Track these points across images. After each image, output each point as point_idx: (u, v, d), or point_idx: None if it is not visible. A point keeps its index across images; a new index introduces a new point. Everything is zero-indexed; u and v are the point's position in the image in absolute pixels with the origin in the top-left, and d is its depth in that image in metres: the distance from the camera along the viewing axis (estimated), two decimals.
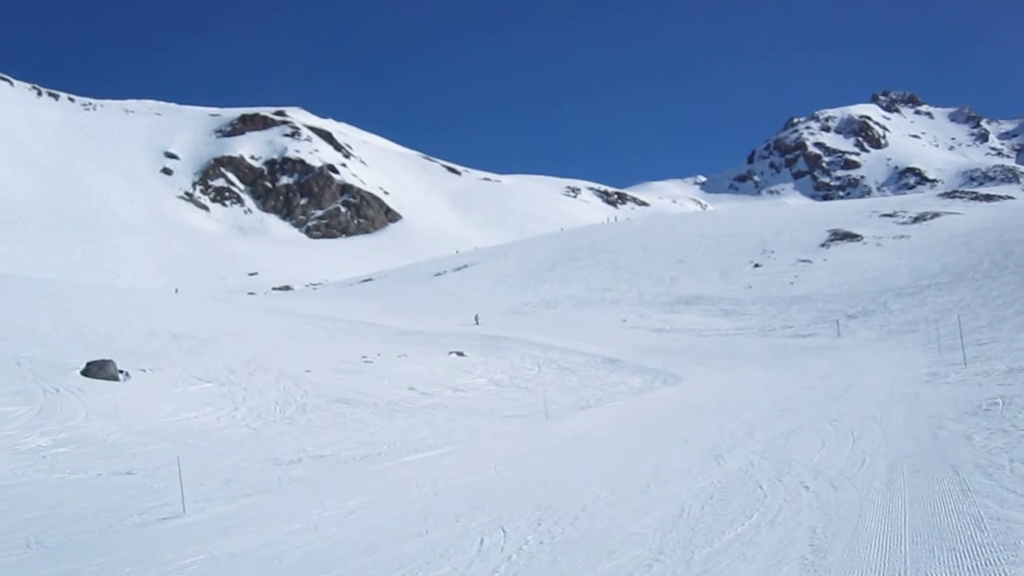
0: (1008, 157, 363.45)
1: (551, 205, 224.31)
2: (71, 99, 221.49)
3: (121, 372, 26.66)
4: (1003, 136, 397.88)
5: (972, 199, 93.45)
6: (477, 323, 40.93)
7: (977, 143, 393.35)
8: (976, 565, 8.10)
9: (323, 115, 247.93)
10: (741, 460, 14.73)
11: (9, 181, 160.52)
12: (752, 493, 12.05)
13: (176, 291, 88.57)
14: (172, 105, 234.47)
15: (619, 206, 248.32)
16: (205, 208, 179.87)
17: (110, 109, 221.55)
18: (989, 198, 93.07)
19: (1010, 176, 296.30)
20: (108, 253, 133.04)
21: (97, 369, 26.17)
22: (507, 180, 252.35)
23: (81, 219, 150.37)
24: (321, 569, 9.81)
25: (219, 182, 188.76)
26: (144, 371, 27.85)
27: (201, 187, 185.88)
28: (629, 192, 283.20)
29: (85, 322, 37.52)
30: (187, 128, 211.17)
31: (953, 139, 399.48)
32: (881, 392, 23.23)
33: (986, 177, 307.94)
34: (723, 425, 19.58)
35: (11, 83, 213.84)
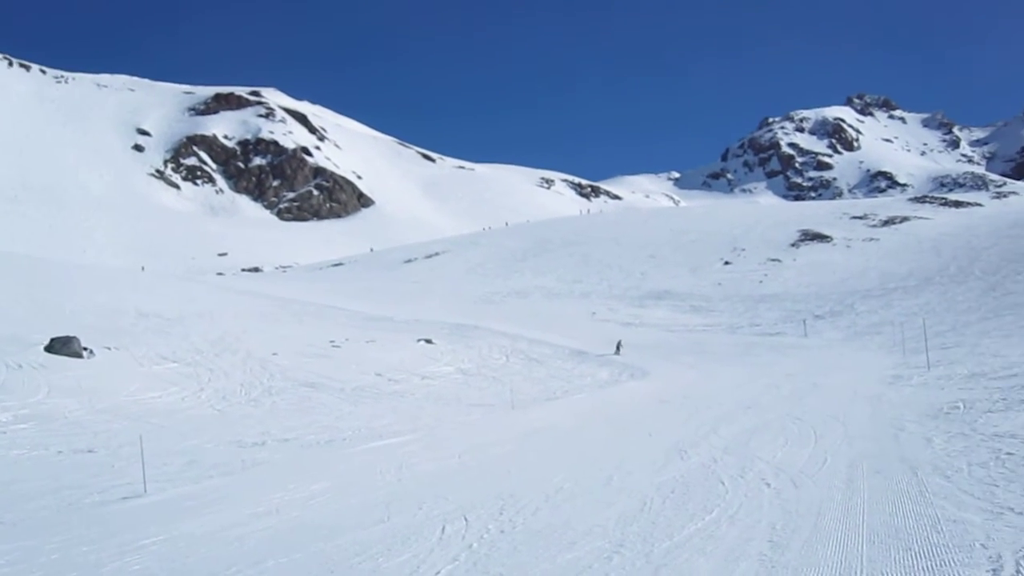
0: (978, 165, 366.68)
1: (524, 196, 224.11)
2: (43, 71, 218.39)
3: (85, 349, 26.41)
4: (974, 143, 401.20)
5: (942, 205, 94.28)
6: (618, 352, 36.62)
7: (948, 149, 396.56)
8: (932, 566, 8.21)
9: (298, 97, 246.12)
10: (704, 455, 14.83)
11: None
12: (714, 488, 12.15)
13: (142, 269, 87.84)
14: (146, 81, 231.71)
15: (592, 199, 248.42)
16: (176, 186, 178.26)
17: (82, 83, 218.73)
18: (958, 204, 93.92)
19: (979, 183, 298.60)
20: (76, 228, 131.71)
21: (61, 346, 25.91)
22: (481, 169, 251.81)
23: (49, 193, 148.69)
24: (281, 553, 9.80)
25: (191, 161, 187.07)
26: (109, 349, 27.62)
27: (173, 165, 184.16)
28: (602, 185, 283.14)
29: (50, 298, 37.14)
30: (160, 105, 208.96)
31: (925, 144, 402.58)
32: (845, 392, 23.43)
33: (956, 183, 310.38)
34: (688, 420, 19.71)
35: None
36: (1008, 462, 12.35)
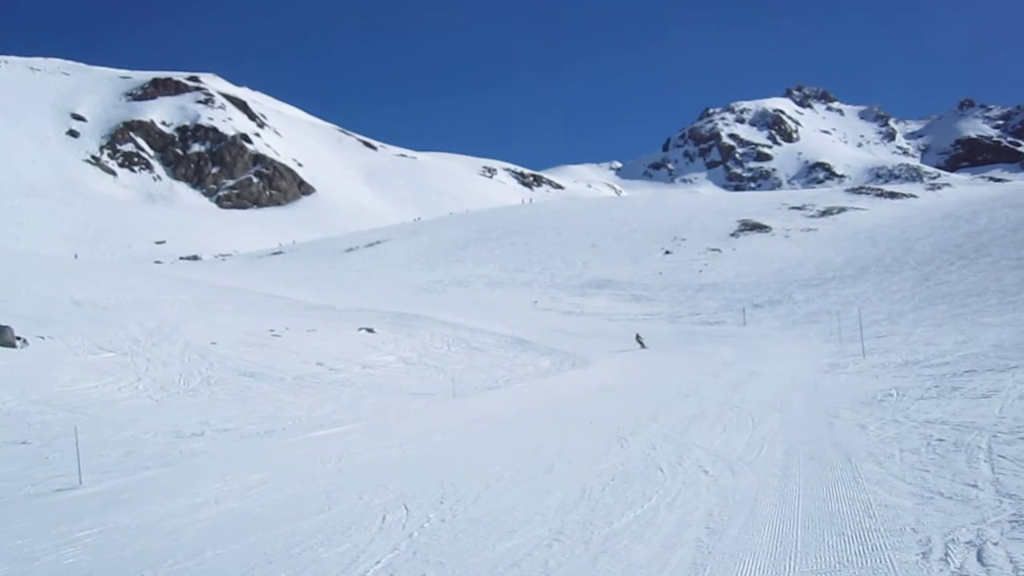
0: (913, 157, 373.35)
1: (467, 184, 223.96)
2: None
3: (18, 339, 25.91)
4: (909, 136, 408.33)
5: (878, 196, 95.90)
6: (643, 345, 37.17)
7: (885, 141, 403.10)
8: (863, 550, 8.38)
9: (238, 83, 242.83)
10: (644, 443, 14.97)
11: None
12: (653, 476, 12.27)
13: (75, 257, 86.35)
14: (81, 65, 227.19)
15: (534, 188, 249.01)
16: (112, 173, 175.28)
17: (14, 66, 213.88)
18: (894, 195, 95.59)
19: (914, 175, 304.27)
20: (8, 215, 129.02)
21: None
22: (423, 157, 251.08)
23: None
24: (220, 543, 9.73)
25: (128, 147, 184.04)
26: (43, 338, 27.12)
27: (109, 151, 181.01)
28: (545, 175, 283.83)
29: None
30: (96, 90, 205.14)
31: (862, 136, 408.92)
32: (783, 380, 23.78)
33: (892, 175, 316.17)
34: (628, 409, 19.87)
35: None
36: (939, 448, 12.63)
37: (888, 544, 8.46)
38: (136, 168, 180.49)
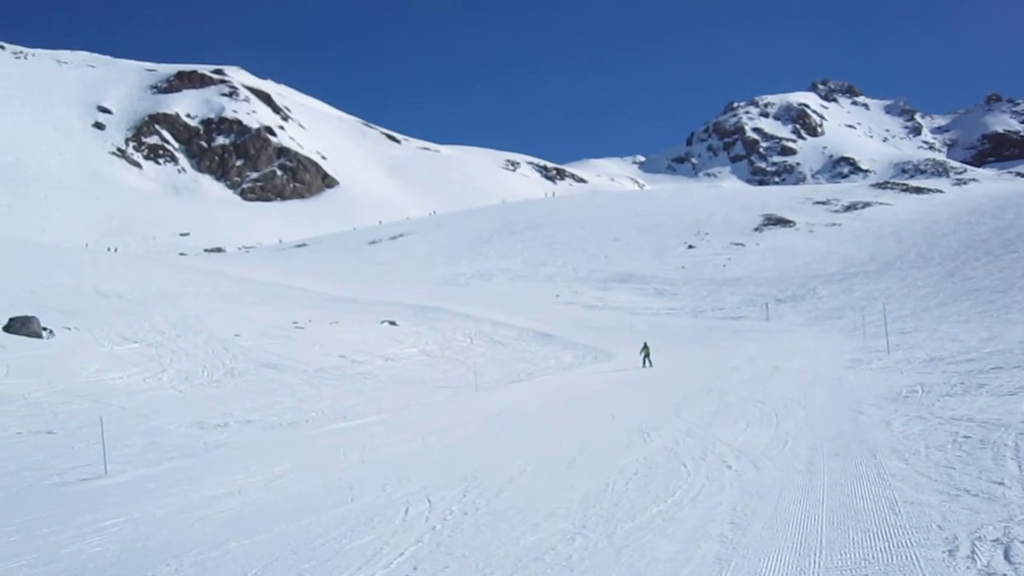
0: (939, 151, 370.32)
1: (490, 178, 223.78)
2: (1, 46, 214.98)
3: (45, 329, 26.13)
4: (936, 131, 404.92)
5: (903, 191, 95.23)
6: (648, 361, 29.79)
7: (910, 136, 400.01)
8: (889, 546, 8.30)
9: (262, 75, 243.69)
10: (666, 438, 14.91)
11: None
12: (676, 471, 12.22)
13: (115, 250, 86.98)
14: (107, 58, 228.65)
15: (557, 182, 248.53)
16: (138, 165, 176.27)
17: (42, 59, 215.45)
18: (919, 191, 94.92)
19: (940, 170, 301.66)
20: (35, 207, 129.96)
21: (20, 326, 25.61)
22: (446, 150, 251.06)
23: (7, 171, 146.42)
24: (243, 534, 9.76)
25: (153, 139, 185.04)
26: (69, 329, 27.34)
27: (134, 144, 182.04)
28: (568, 168, 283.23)
29: (8, 277, 36.65)
30: (122, 82, 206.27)
31: (887, 131, 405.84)
32: (806, 376, 23.65)
33: (917, 170, 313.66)
34: (650, 403, 19.82)
35: None
36: (965, 445, 12.51)
37: (914, 541, 8.38)
38: (161, 160, 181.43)
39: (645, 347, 29.82)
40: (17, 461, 14.20)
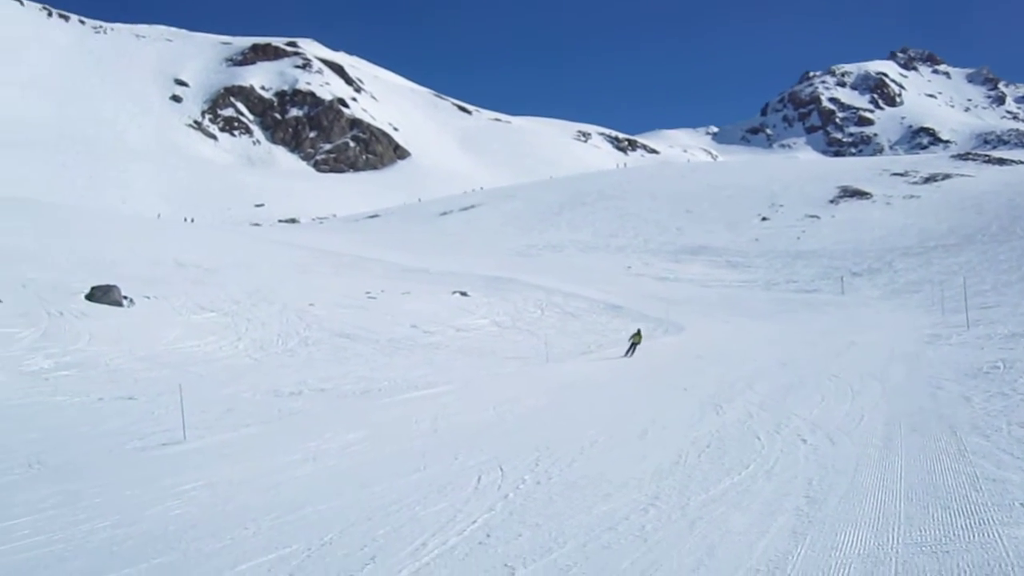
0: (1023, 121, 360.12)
1: (561, 148, 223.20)
2: (81, 21, 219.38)
3: (125, 298, 26.71)
4: (1020, 100, 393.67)
5: (985, 162, 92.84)
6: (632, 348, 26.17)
7: (993, 106, 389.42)
8: (970, 524, 8.14)
9: (335, 48, 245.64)
10: (740, 411, 14.79)
11: (17, 102, 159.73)
12: (750, 444, 12.11)
13: (192, 221, 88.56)
14: (183, 31, 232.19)
15: (629, 153, 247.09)
16: (213, 137, 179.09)
17: (121, 33, 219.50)
18: (1002, 162, 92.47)
19: None
20: (115, 179, 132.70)
21: (101, 294, 26.22)
22: (518, 122, 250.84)
23: (88, 143, 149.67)
24: (318, 500, 9.89)
25: (228, 112, 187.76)
26: (148, 298, 27.92)
27: (210, 116, 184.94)
28: (640, 139, 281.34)
29: (90, 247, 37.54)
30: (198, 55, 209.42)
31: (969, 100, 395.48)
32: (882, 350, 23.26)
33: (1000, 141, 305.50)
34: (723, 376, 19.65)
35: (21, 3, 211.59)
36: None
37: (997, 519, 8.20)
38: (236, 132, 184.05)
39: (638, 333, 26.35)
40: (99, 426, 14.57)
